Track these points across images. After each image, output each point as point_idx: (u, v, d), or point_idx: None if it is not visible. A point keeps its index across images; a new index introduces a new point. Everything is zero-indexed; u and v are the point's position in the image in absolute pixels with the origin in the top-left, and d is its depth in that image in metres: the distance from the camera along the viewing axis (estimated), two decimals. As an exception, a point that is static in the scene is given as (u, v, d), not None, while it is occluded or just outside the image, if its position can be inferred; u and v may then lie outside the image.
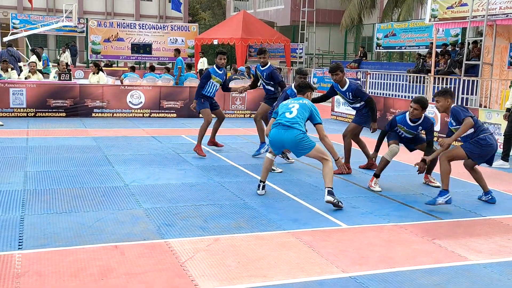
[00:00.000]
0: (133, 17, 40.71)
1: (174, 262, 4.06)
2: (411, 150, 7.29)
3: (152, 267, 3.95)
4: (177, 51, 15.92)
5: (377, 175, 6.82)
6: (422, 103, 6.60)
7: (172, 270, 3.92)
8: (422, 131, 6.91)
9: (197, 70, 22.08)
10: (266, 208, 5.61)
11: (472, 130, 5.94)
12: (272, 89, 8.34)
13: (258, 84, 9.03)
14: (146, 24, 26.80)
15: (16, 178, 6.46)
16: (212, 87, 8.35)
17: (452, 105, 6.04)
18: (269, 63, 8.39)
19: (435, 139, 7.94)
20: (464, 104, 13.09)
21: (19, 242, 4.31)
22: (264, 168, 6.19)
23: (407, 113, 6.74)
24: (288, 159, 8.18)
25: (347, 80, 7.53)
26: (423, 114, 6.72)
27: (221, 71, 8.38)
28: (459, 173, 7.88)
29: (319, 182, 6.90)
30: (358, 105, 7.57)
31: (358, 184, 6.94)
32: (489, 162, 6.29)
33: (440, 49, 16.94)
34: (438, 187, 6.92)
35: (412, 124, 6.74)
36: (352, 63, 22.87)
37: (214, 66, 8.43)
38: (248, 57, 26.19)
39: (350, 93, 7.43)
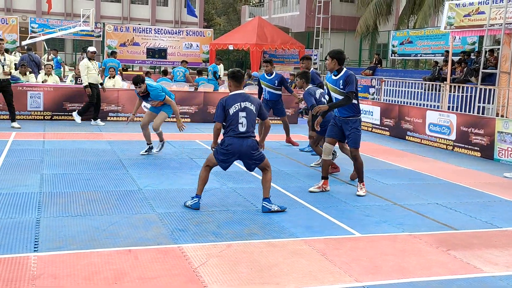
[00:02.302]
0: (149, 22, 41.07)
1: (187, 267, 4.07)
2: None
3: (165, 272, 3.96)
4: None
5: (325, 177, 6.79)
6: (332, 54, 6.52)
7: (185, 275, 3.93)
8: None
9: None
10: (279, 215, 5.60)
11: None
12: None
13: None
14: (161, 29, 26.98)
15: (32, 180, 6.53)
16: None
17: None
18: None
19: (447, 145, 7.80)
20: (480, 113, 12.98)
21: (35, 244, 4.36)
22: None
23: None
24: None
25: None
26: (344, 68, 6.54)
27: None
28: (475, 183, 7.81)
29: (333, 190, 6.88)
30: None
31: (371, 192, 6.89)
32: (248, 168, 5.81)
33: (459, 57, 16.81)
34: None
35: (334, 78, 6.57)
36: (366, 70, 22.79)
37: None
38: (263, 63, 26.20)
39: None
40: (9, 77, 10.83)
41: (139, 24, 31.05)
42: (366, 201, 6.45)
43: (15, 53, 19.70)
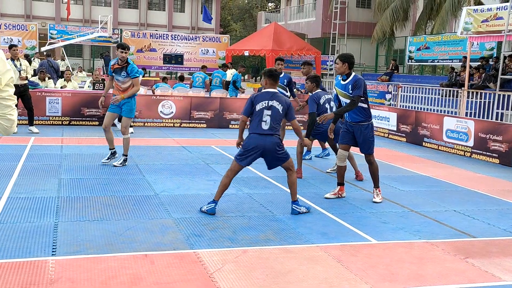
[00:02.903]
0: (166, 28, 41.41)
1: (202, 272, 4.09)
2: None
3: (181, 277, 3.98)
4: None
5: (341, 184, 6.75)
6: (343, 57, 6.43)
7: (200, 280, 3.94)
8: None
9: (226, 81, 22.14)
10: (295, 221, 5.59)
11: None
12: None
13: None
14: (178, 35, 27.21)
15: (50, 185, 6.61)
16: None
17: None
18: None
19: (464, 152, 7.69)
20: (499, 120, 12.83)
21: (53, 248, 4.41)
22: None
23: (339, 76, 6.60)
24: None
25: None
26: (353, 73, 6.46)
27: None
28: (493, 191, 7.72)
29: (349, 196, 6.85)
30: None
31: (387, 198, 6.85)
32: (270, 165, 5.87)
33: (477, 63, 16.65)
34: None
35: (343, 83, 6.47)
36: (383, 75, 22.68)
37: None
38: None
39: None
40: (26, 82, 10.98)
41: (156, 30, 31.35)
42: (383, 207, 6.41)
43: (34, 59, 20.00)
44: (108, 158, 8.16)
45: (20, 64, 10.76)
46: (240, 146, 5.79)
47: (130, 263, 4.18)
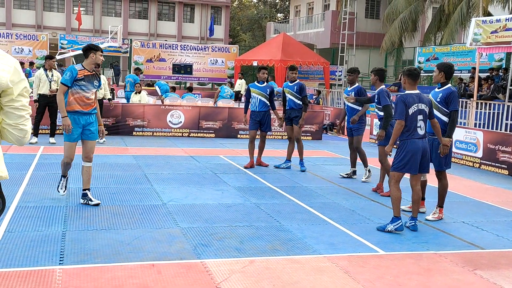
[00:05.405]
0: (175, 38, 41.68)
1: (209, 282, 4.08)
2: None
3: (188, 287, 3.98)
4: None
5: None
6: (439, 65, 6.41)
7: (207, 290, 3.93)
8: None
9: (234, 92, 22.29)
10: (302, 232, 5.58)
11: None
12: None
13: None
14: (187, 45, 27.38)
15: (59, 194, 6.64)
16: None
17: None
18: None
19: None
20: (508, 131, 12.75)
21: (61, 257, 4.43)
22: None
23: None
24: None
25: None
26: (449, 83, 6.40)
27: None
28: (502, 202, 7.66)
29: (356, 206, 6.83)
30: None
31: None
32: (426, 167, 5.87)
33: (486, 74, 16.61)
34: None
35: (436, 90, 6.40)
36: (392, 86, 22.63)
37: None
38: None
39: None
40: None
41: (166, 40, 31.59)
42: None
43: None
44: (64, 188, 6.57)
45: (52, 75, 10.72)
46: (390, 154, 5.83)
47: (137, 272, 4.19)
